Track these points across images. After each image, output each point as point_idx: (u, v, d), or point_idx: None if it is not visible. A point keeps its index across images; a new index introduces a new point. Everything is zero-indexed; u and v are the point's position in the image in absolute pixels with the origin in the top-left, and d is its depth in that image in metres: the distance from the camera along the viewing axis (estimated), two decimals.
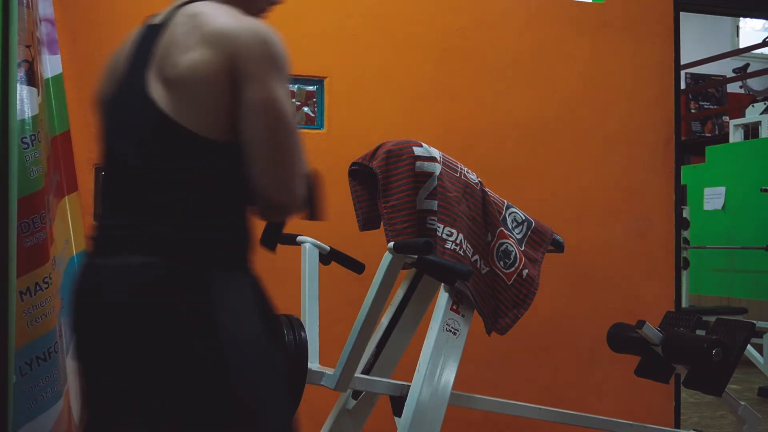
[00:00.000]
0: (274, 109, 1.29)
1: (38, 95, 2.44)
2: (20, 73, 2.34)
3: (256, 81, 1.28)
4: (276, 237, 1.59)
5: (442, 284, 2.09)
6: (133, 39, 1.42)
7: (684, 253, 5.65)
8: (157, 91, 1.30)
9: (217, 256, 1.32)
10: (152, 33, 1.36)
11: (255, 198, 1.32)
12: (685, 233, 5.90)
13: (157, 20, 1.39)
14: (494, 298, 2.15)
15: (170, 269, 1.28)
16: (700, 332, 2.53)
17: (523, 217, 2.26)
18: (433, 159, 2.13)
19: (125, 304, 1.27)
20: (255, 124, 1.29)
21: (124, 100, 1.38)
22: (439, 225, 2.06)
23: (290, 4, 1.53)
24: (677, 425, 3.40)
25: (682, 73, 5.43)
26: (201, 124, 1.29)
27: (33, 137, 2.38)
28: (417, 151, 2.12)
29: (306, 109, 3.07)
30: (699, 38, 8.64)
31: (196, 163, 1.31)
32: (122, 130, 1.37)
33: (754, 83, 8.31)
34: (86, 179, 2.76)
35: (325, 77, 3.07)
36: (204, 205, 1.32)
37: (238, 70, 1.28)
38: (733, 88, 9.32)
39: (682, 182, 4.43)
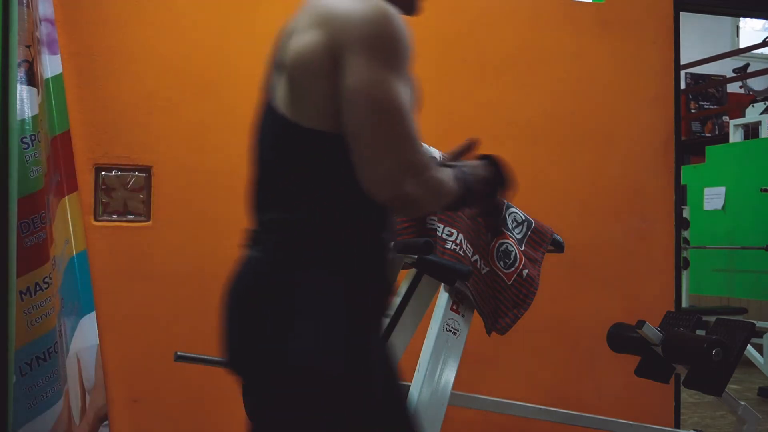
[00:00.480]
0: (372, 97, 1.15)
1: (38, 95, 2.44)
2: (20, 73, 2.34)
3: (355, 65, 1.15)
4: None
5: (442, 284, 2.09)
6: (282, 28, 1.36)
7: (684, 253, 5.64)
8: (277, 83, 1.24)
9: (318, 257, 1.23)
10: (290, 22, 1.31)
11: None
12: (685, 233, 5.89)
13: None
14: (494, 298, 2.15)
15: (267, 267, 1.25)
16: (700, 332, 2.54)
17: (523, 217, 2.26)
18: (432, 159, 2.12)
19: (237, 295, 1.29)
20: (350, 113, 1.16)
21: (262, 94, 1.34)
22: (439, 225, 2.06)
23: (289, 5, 1.52)
24: (677, 425, 3.40)
25: (682, 73, 5.42)
26: (308, 114, 1.20)
27: (33, 137, 2.38)
28: None
29: None
30: (699, 38, 8.64)
31: (305, 158, 1.23)
32: (257, 123, 1.35)
33: (754, 83, 8.31)
34: (86, 179, 2.76)
35: None
36: (309, 203, 1.24)
37: (340, 53, 1.16)
38: (733, 88, 9.32)
39: (682, 182, 4.43)
